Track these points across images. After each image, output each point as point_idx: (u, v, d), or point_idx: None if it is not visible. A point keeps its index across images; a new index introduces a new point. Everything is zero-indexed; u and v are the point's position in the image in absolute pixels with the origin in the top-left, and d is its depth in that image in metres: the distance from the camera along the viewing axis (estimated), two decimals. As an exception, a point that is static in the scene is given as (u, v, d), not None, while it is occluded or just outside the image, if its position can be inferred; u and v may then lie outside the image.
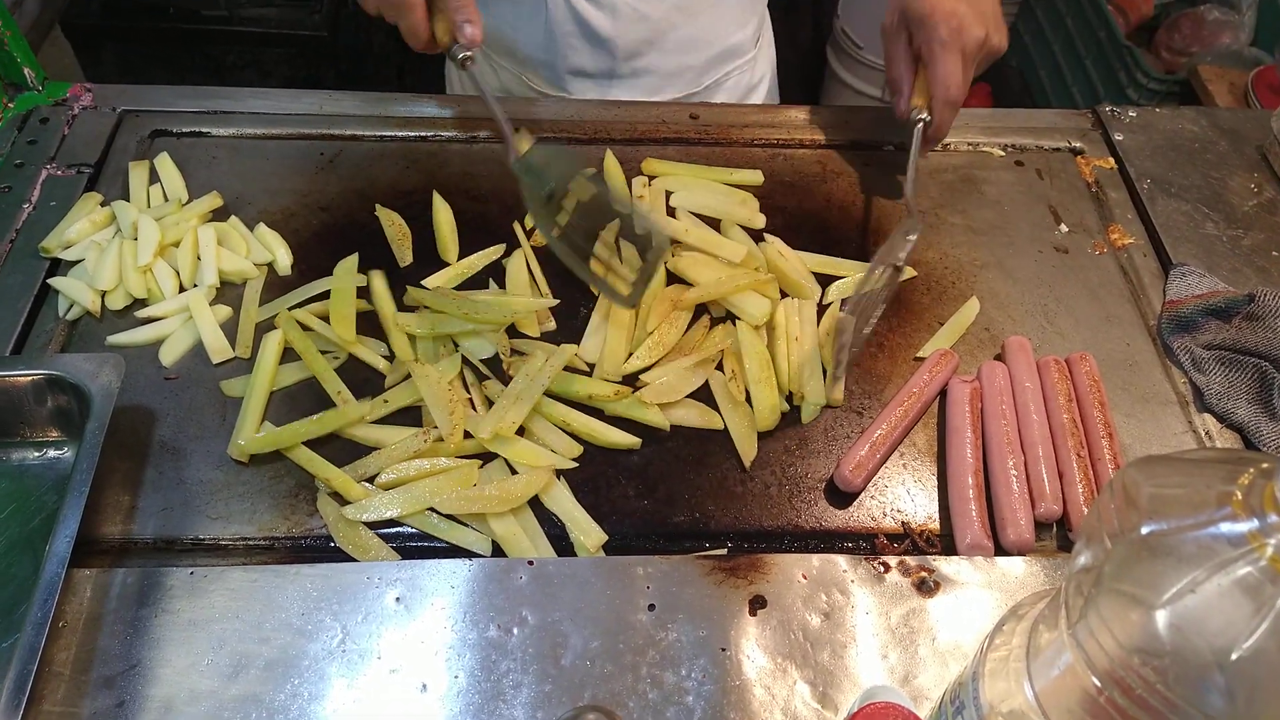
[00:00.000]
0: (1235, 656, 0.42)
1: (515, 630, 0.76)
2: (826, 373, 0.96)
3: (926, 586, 0.79)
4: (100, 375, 0.82)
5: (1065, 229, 1.13)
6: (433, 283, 1.01)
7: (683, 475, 0.89)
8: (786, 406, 0.95)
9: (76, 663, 0.72)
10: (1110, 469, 0.87)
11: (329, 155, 1.15)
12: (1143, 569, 0.45)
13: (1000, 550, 0.84)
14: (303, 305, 0.99)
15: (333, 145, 1.16)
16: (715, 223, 1.10)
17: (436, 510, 0.84)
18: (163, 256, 1.01)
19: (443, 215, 1.08)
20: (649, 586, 0.78)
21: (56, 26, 2.08)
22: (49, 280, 0.98)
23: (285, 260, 1.03)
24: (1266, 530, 0.42)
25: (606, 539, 0.84)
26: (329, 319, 0.97)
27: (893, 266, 1.01)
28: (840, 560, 0.81)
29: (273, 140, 1.16)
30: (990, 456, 0.89)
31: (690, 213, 1.10)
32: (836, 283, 1.05)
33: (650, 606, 0.77)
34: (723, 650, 0.75)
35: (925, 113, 1.07)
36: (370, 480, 0.86)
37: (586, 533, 0.84)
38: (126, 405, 0.89)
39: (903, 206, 1.05)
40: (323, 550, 0.83)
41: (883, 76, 2.62)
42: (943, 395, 0.95)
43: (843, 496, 0.89)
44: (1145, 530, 0.45)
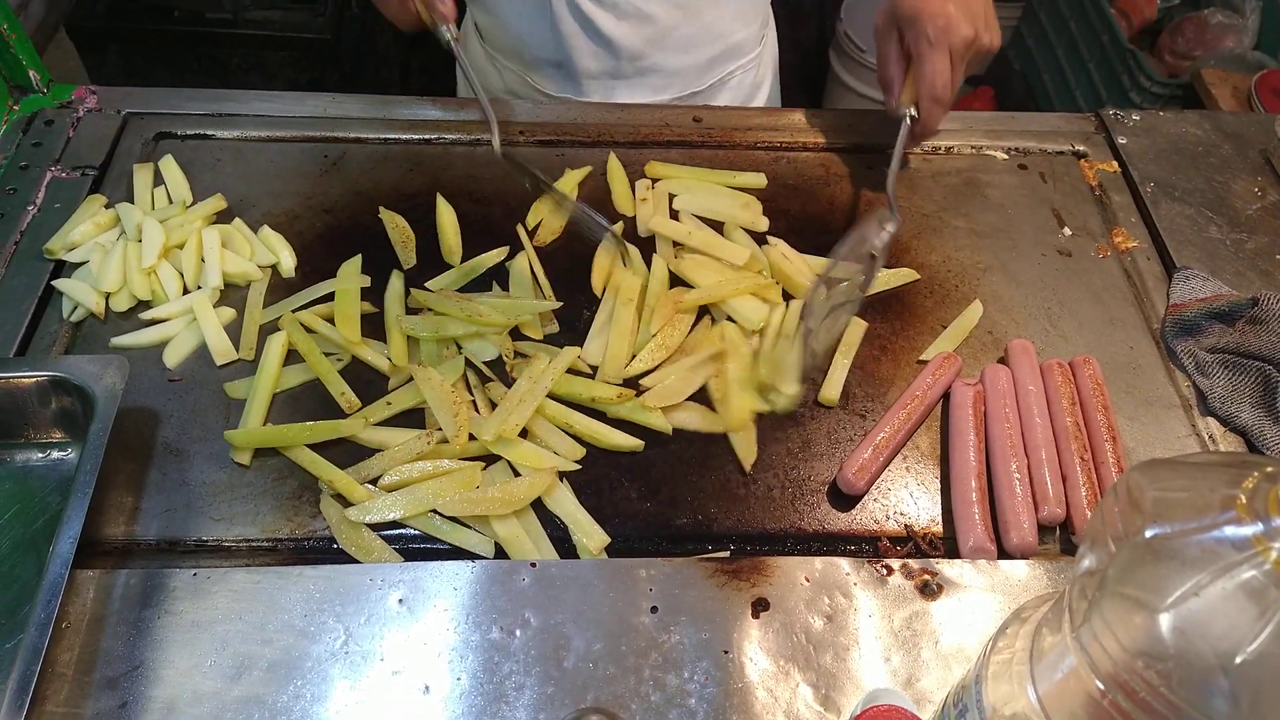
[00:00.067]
0: (1239, 660, 0.42)
1: (518, 632, 0.76)
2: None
3: (929, 589, 0.79)
4: (104, 377, 0.83)
5: (1069, 232, 1.13)
6: (436, 285, 1.01)
7: (685, 478, 0.89)
8: (763, 408, 0.94)
9: (79, 663, 0.72)
10: (1113, 472, 0.87)
11: (333, 158, 1.15)
12: (1147, 572, 0.45)
13: (1003, 553, 0.84)
14: (306, 307, 0.99)
15: (337, 148, 1.16)
16: (719, 226, 1.11)
17: (439, 512, 0.84)
18: (167, 258, 1.01)
19: (446, 217, 1.08)
20: (651, 589, 0.78)
21: (61, 29, 2.09)
22: (53, 282, 0.99)
23: (289, 262, 1.03)
24: (1271, 534, 0.42)
25: (609, 541, 0.84)
26: (333, 321, 0.97)
27: (869, 256, 1.01)
28: (843, 563, 0.81)
29: (277, 143, 1.16)
30: (993, 459, 0.89)
31: (694, 215, 1.11)
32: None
33: (653, 609, 0.77)
34: (725, 653, 0.75)
35: (913, 109, 1.08)
36: (373, 482, 0.86)
37: (589, 535, 0.84)
38: (130, 407, 0.90)
39: (885, 199, 1.07)
40: (325, 552, 0.83)
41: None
42: (946, 398, 0.95)
43: (845, 499, 0.89)
44: (1149, 534, 0.45)
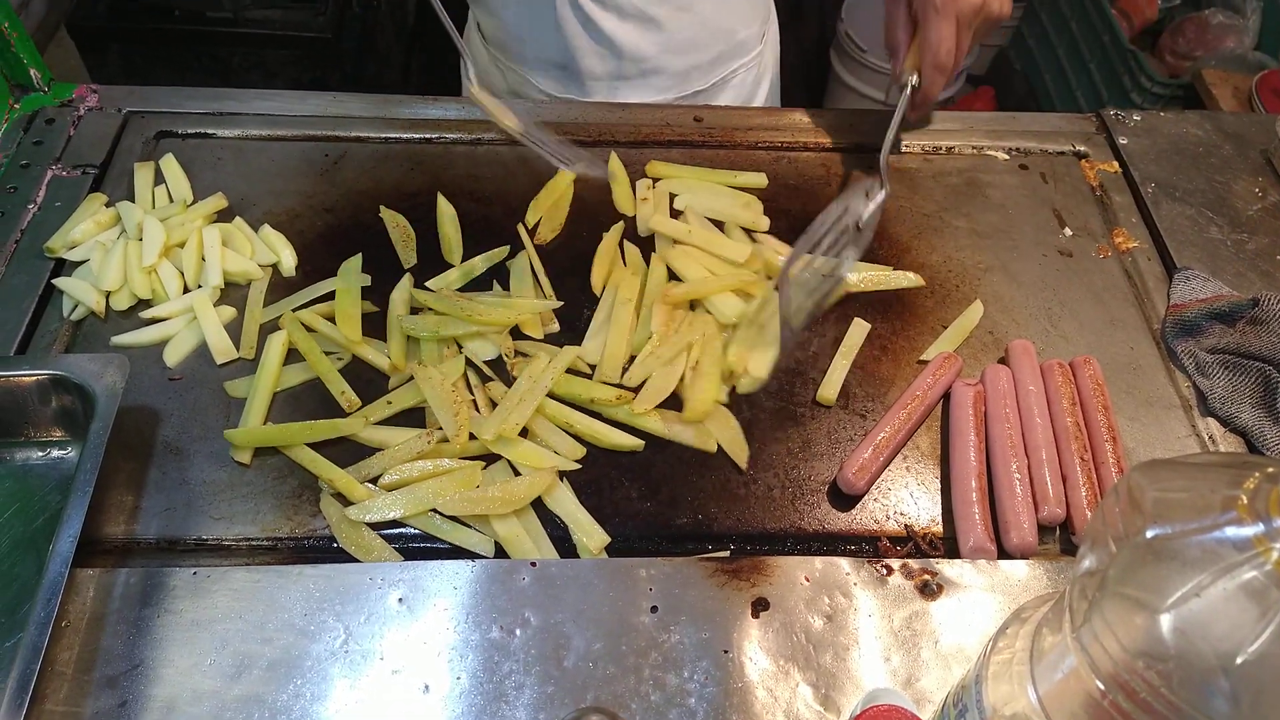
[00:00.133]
0: (1240, 661, 0.42)
1: (518, 631, 0.76)
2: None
3: (929, 589, 0.79)
4: (104, 375, 0.83)
5: (1069, 233, 1.13)
6: (437, 284, 1.02)
7: (685, 477, 0.89)
8: (725, 398, 0.94)
9: (79, 662, 0.72)
10: (1114, 473, 0.87)
11: (334, 157, 1.15)
12: (1147, 573, 0.45)
13: (1003, 553, 0.84)
14: (307, 306, 0.99)
15: (338, 147, 1.16)
16: (720, 224, 1.11)
17: (439, 511, 0.84)
18: (167, 257, 1.01)
19: (447, 217, 1.08)
20: (651, 588, 0.78)
21: (62, 28, 2.09)
22: (54, 280, 0.99)
23: (290, 261, 1.03)
24: (1272, 535, 0.42)
25: (609, 541, 0.84)
26: (334, 320, 0.97)
27: (854, 227, 1.00)
28: (843, 563, 0.81)
29: (278, 142, 1.16)
30: (994, 460, 0.89)
31: (696, 213, 1.11)
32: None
33: (653, 608, 0.77)
34: (725, 652, 0.75)
35: (915, 76, 1.08)
36: (373, 481, 0.86)
37: (589, 534, 0.84)
38: (130, 406, 0.90)
39: (877, 167, 1.06)
40: (326, 551, 0.83)
41: (886, 80, 2.61)
42: (946, 398, 0.95)
43: (846, 499, 0.89)
44: (1150, 534, 0.45)
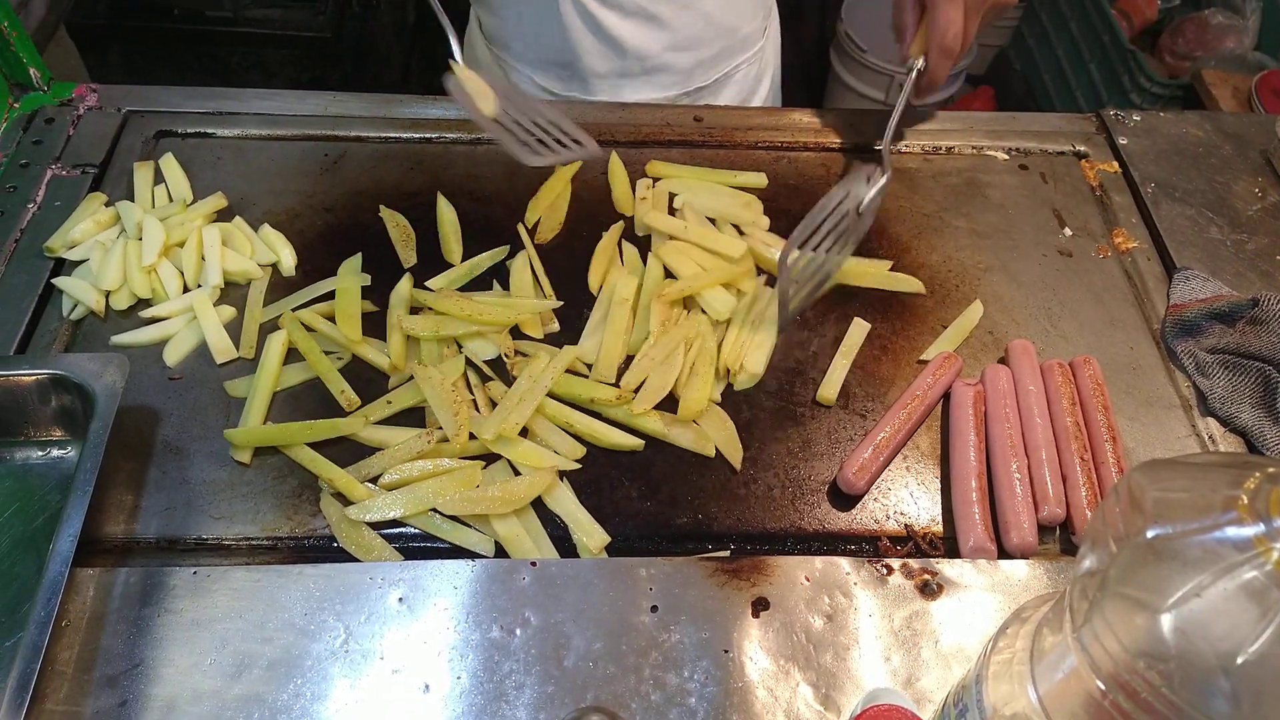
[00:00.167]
0: (1240, 661, 0.42)
1: (518, 631, 0.76)
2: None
3: (929, 589, 0.79)
4: (104, 375, 0.83)
5: (1069, 233, 1.13)
6: (436, 284, 1.01)
7: (685, 477, 0.89)
8: (718, 397, 0.95)
9: (79, 662, 0.72)
10: (1113, 473, 0.87)
11: (333, 156, 1.15)
12: (1148, 573, 0.45)
13: (1003, 553, 0.84)
14: (307, 306, 0.99)
15: (337, 146, 1.16)
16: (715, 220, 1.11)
17: (439, 511, 0.84)
18: (167, 257, 1.01)
19: (447, 216, 1.08)
20: (652, 588, 0.78)
21: (62, 27, 2.08)
22: (53, 280, 0.99)
23: (289, 261, 1.03)
24: (1272, 535, 0.42)
25: (609, 540, 0.84)
26: (333, 319, 0.97)
27: (854, 211, 1.00)
28: (843, 562, 0.81)
29: (277, 141, 1.16)
30: (993, 460, 0.89)
31: (693, 209, 1.10)
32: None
33: (653, 608, 0.77)
34: (725, 652, 0.75)
35: (921, 60, 1.07)
36: (373, 481, 0.86)
37: (589, 534, 0.84)
38: (130, 405, 0.90)
39: (881, 154, 1.06)
40: (326, 550, 0.83)
41: (886, 80, 2.61)
42: (946, 398, 0.95)
43: (846, 499, 0.89)
44: (1150, 534, 0.45)
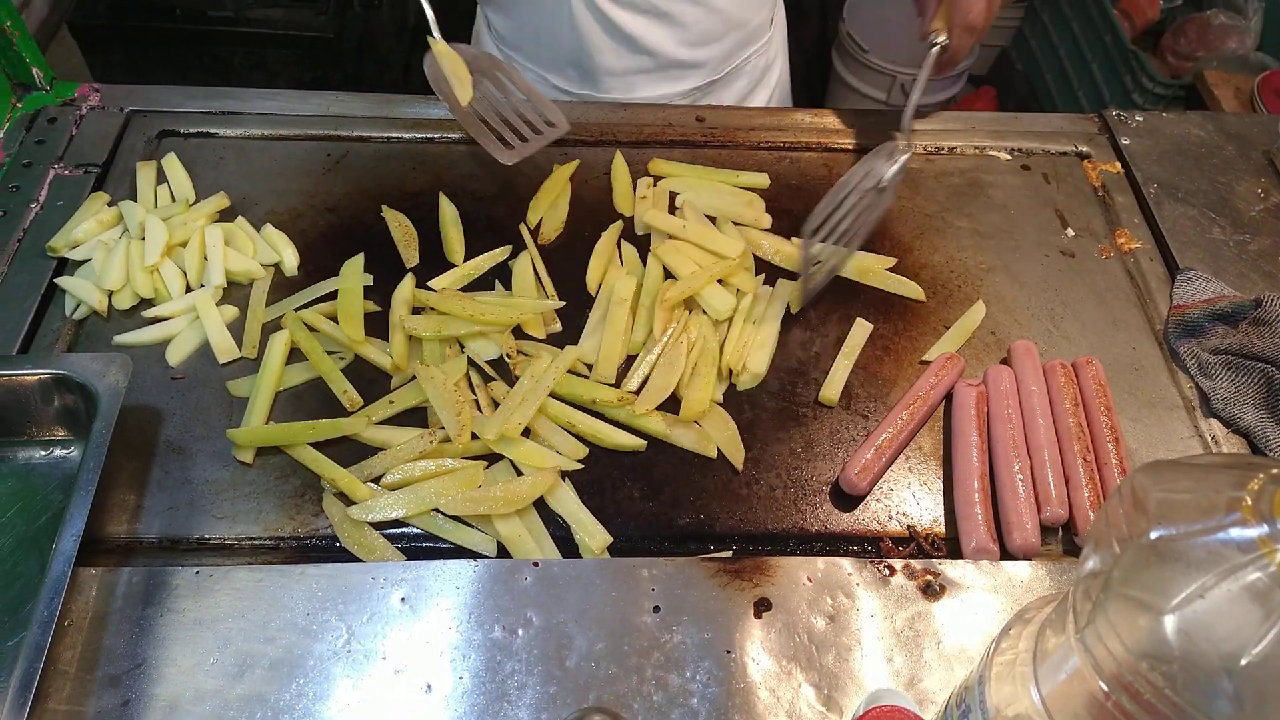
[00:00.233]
0: (1244, 662, 0.42)
1: (520, 631, 0.76)
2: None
3: (932, 590, 0.79)
4: (107, 375, 0.83)
5: (1072, 233, 1.13)
6: (439, 284, 1.01)
7: (688, 477, 0.89)
8: (720, 398, 0.95)
9: (82, 661, 0.72)
10: (1116, 473, 0.87)
11: (336, 156, 1.15)
12: (1151, 574, 0.45)
13: (1006, 554, 0.84)
14: (309, 306, 0.99)
15: (339, 146, 1.16)
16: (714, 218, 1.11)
17: (442, 511, 0.84)
18: (170, 257, 1.01)
19: (449, 216, 1.08)
20: (654, 588, 0.78)
21: (64, 27, 2.08)
22: (56, 280, 0.99)
23: (292, 261, 1.03)
24: (1276, 536, 0.42)
25: (611, 541, 0.84)
26: (336, 319, 0.97)
27: (875, 188, 1.00)
28: (845, 563, 0.81)
29: (280, 141, 1.16)
30: (996, 460, 0.89)
31: (693, 208, 1.10)
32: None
33: (655, 608, 0.77)
34: (727, 653, 0.75)
35: (944, 36, 1.07)
36: (376, 481, 0.86)
37: (591, 534, 0.84)
38: (133, 405, 0.90)
39: (898, 132, 1.06)
40: (328, 550, 0.83)
41: (887, 80, 2.59)
42: (948, 399, 0.95)
43: (848, 499, 0.89)
44: (1154, 535, 0.45)
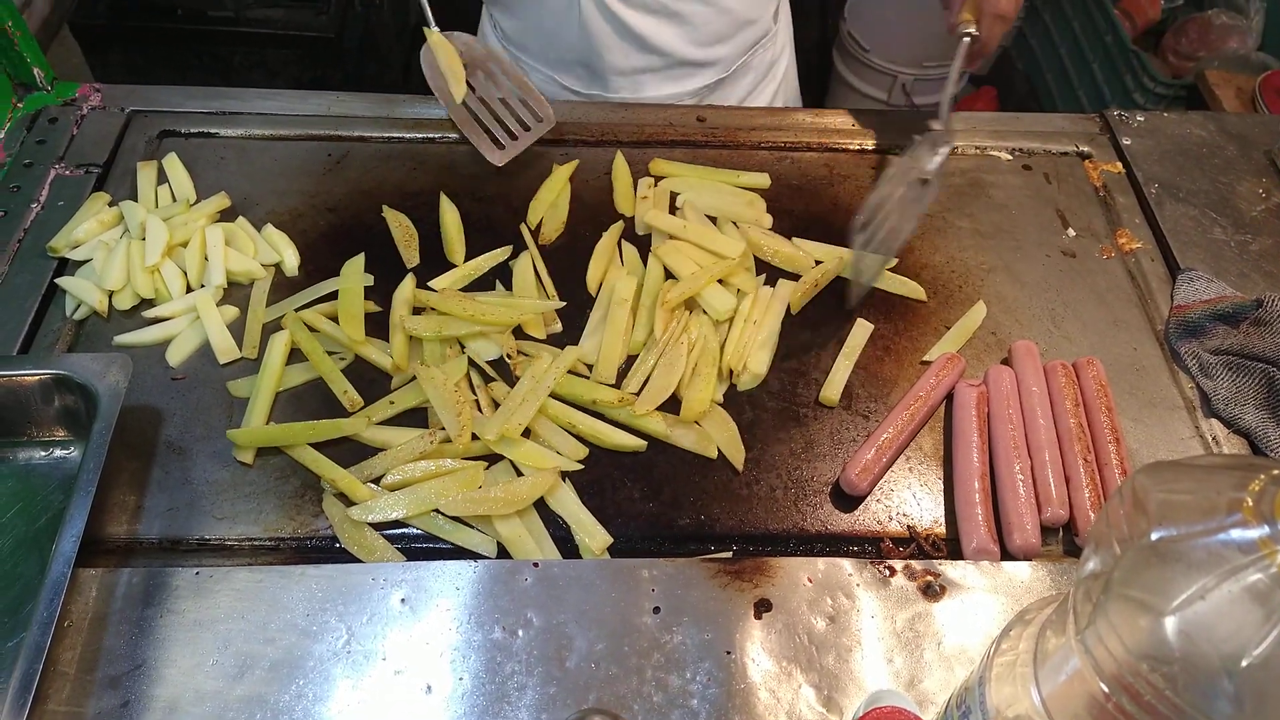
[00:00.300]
0: (1244, 664, 0.41)
1: (520, 632, 0.76)
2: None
3: (932, 591, 0.79)
4: (107, 375, 0.83)
5: (1073, 233, 1.13)
6: (439, 284, 1.01)
7: (688, 478, 0.89)
8: (720, 399, 0.95)
9: (82, 662, 0.72)
10: (1117, 474, 0.87)
11: (336, 156, 1.15)
12: (1152, 575, 0.45)
13: (1006, 555, 0.84)
14: (310, 306, 0.99)
15: (340, 146, 1.16)
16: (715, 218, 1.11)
17: (442, 512, 0.84)
18: (170, 257, 1.01)
19: (449, 217, 1.08)
20: (654, 589, 0.78)
21: (65, 27, 2.08)
22: (56, 280, 0.99)
23: (292, 261, 1.03)
24: (1277, 537, 0.42)
25: (611, 541, 0.84)
26: (336, 320, 0.97)
27: (920, 181, 1.00)
28: (845, 564, 0.81)
29: (280, 141, 1.16)
30: (997, 461, 0.89)
31: (694, 207, 1.10)
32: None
33: (655, 609, 0.77)
34: (728, 653, 0.75)
35: (973, 27, 1.07)
36: (376, 481, 0.86)
37: (592, 535, 0.84)
38: (133, 405, 0.90)
39: (937, 123, 1.06)
40: (328, 551, 0.83)
41: (888, 80, 2.59)
42: (949, 399, 0.95)
43: (848, 500, 0.88)
44: (1155, 536, 0.45)
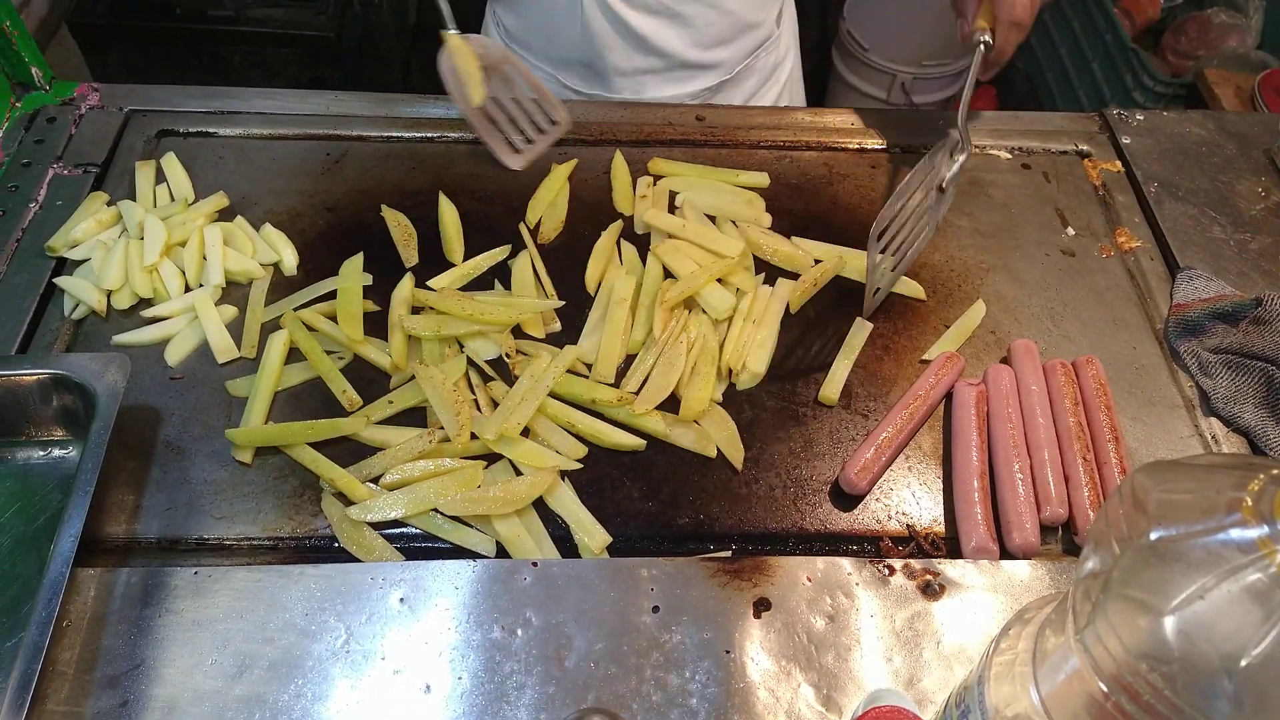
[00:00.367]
0: (1244, 663, 0.41)
1: (519, 631, 0.75)
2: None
3: (931, 590, 0.79)
4: (106, 375, 0.83)
5: (1072, 232, 1.13)
6: (438, 283, 1.01)
7: (687, 477, 0.89)
8: (719, 398, 0.94)
9: (80, 662, 0.72)
10: (1116, 473, 0.87)
11: (335, 156, 1.15)
12: (1151, 574, 0.45)
13: (1006, 554, 0.84)
14: (308, 305, 0.99)
15: (339, 146, 1.16)
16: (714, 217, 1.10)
17: (441, 511, 0.84)
18: (169, 256, 1.01)
19: (448, 216, 1.08)
20: (653, 588, 0.78)
21: (64, 26, 2.08)
22: (55, 279, 0.99)
23: (291, 260, 1.03)
24: (1276, 537, 0.42)
25: (611, 540, 0.84)
26: (335, 319, 0.97)
27: (937, 188, 1.00)
28: (845, 563, 0.81)
29: (279, 140, 1.16)
30: (996, 460, 0.89)
31: (693, 207, 1.10)
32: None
33: (654, 608, 0.77)
34: (727, 653, 0.75)
35: (988, 34, 1.06)
36: (375, 481, 0.86)
37: (591, 534, 0.84)
38: (131, 405, 0.90)
39: (956, 131, 1.06)
40: (327, 550, 0.83)
41: (888, 79, 2.59)
42: (948, 398, 0.95)
43: (847, 499, 0.88)
44: (1154, 536, 0.45)
